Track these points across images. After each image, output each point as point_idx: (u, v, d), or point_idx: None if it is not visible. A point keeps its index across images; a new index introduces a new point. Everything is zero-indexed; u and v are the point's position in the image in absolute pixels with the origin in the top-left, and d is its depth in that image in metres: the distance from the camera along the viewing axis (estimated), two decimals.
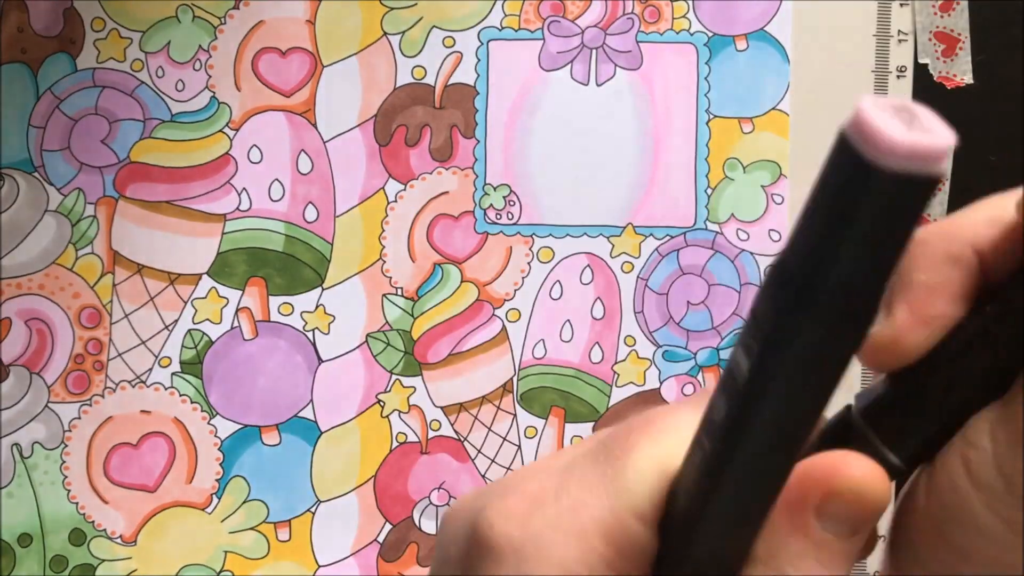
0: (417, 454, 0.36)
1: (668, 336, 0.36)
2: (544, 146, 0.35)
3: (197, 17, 0.35)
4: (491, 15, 0.35)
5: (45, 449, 0.36)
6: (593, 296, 0.36)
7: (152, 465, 0.36)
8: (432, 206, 0.36)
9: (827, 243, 0.16)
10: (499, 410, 0.36)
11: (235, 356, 0.36)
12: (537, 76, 0.35)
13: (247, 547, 0.36)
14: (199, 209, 0.36)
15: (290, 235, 0.36)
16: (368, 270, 0.36)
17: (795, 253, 0.16)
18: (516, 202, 0.35)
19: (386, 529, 0.36)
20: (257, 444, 0.36)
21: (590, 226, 0.35)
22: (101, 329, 0.36)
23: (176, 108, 0.35)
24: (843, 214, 0.15)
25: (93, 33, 0.35)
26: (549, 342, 0.36)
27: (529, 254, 0.36)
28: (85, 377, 0.36)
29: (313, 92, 0.35)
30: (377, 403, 0.36)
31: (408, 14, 0.35)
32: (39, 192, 0.35)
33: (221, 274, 0.36)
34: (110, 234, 0.36)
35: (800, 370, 0.17)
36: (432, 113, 0.35)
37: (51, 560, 0.36)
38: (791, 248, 0.16)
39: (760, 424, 0.18)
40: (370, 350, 0.36)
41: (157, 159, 0.35)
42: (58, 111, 0.35)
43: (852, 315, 0.16)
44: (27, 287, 0.36)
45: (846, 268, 0.16)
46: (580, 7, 0.35)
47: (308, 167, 0.36)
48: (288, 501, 0.36)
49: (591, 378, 0.36)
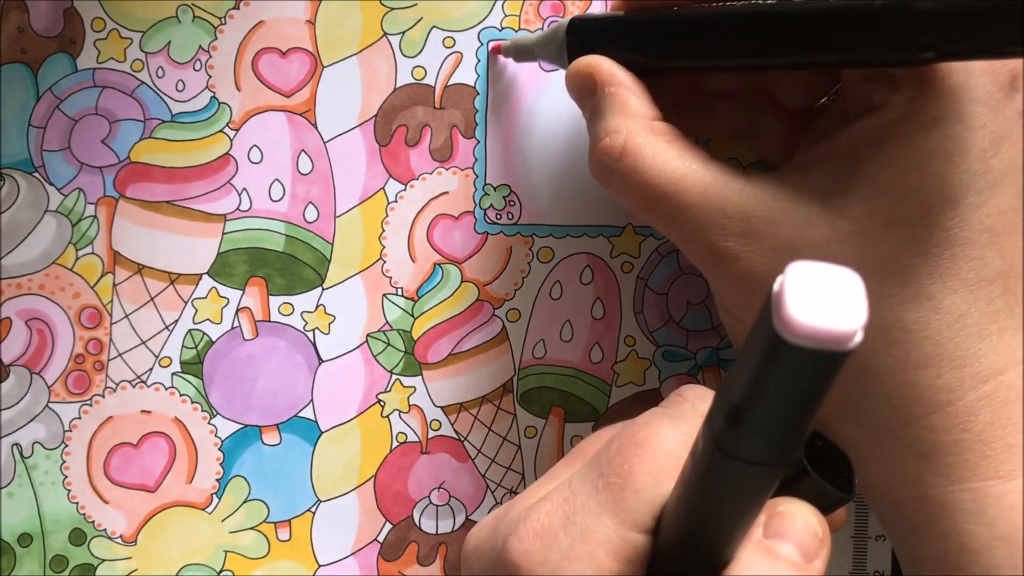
0: (417, 454, 0.36)
1: (668, 336, 0.36)
2: (544, 146, 0.35)
3: (197, 17, 0.35)
4: (491, 15, 0.35)
5: (45, 449, 0.36)
6: (593, 296, 0.36)
7: (152, 465, 0.36)
8: (432, 206, 0.36)
9: (746, 393, 0.17)
10: (499, 410, 0.36)
11: (235, 356, 0.36)
12: (537, 76, 0.35)
13: (247, 547, 0.36)
14: (199, 209, 0.36)
15: (290, 235, 0.36)
16: (368, 270, 0.36)
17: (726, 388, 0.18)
18: (516, 202, 0.35)
19: (386, 529, 0.36)
20: (257, 444, 0.36)
21: (590, 226, 0.35)
22: (101, 329, 0.36)
23: (176, 108, 0.35)
24: (758, 370, 0.17)
25: (93, 33, 0.35)
26: (549, 342, 0.36)
27: (529, 254, 0.36)
28: (85, 377, 0.36)
29: (313, 92, 0.35)
30: (377, 403, 0.36)
31: (408, 14, 0.35)
32: (39, 192, 0.35)
33: (221, 274, 0.36)
34: (110, 234, 0.36)
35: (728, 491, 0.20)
36: (432, 113, 0.35)
37: (51, 560, 0.36)
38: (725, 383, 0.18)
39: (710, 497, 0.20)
40: (370, 350, 0.36)
41: (157, 159, 0.36)
42: (58, 111, 0.35)
43: (763, 465, 0.18)
44: (27, 287, 0.36)
45: (757, 421, 0.17)
46: (580, 7, 0.35)
47: (308, 167, 0.36)
48: (288, 501, 0.36)
49: (591, 378, 0.36)
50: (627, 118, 0.28)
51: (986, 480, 0.26)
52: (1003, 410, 0.26)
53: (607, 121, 0.29)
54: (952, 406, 0.26)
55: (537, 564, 0.22)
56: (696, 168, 0.27)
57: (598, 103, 0.29)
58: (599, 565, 0.22)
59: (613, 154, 0.28)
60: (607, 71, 0.29)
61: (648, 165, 0.27)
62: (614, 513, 0.22)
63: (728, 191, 0.27)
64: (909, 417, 0.26)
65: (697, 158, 0.28)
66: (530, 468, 0.36)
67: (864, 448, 0.27)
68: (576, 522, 0.23)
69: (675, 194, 0.27)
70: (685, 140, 0.28)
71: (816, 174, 0.27)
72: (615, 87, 0.29)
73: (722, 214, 0.27)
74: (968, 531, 0.25)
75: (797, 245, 0.26)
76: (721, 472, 0.19)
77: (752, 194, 0.27)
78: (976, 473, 0.26)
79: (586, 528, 0.22)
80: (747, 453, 0.18)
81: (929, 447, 0.26)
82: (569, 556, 0.22)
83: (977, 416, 0.26)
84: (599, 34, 0.30)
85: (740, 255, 0.27)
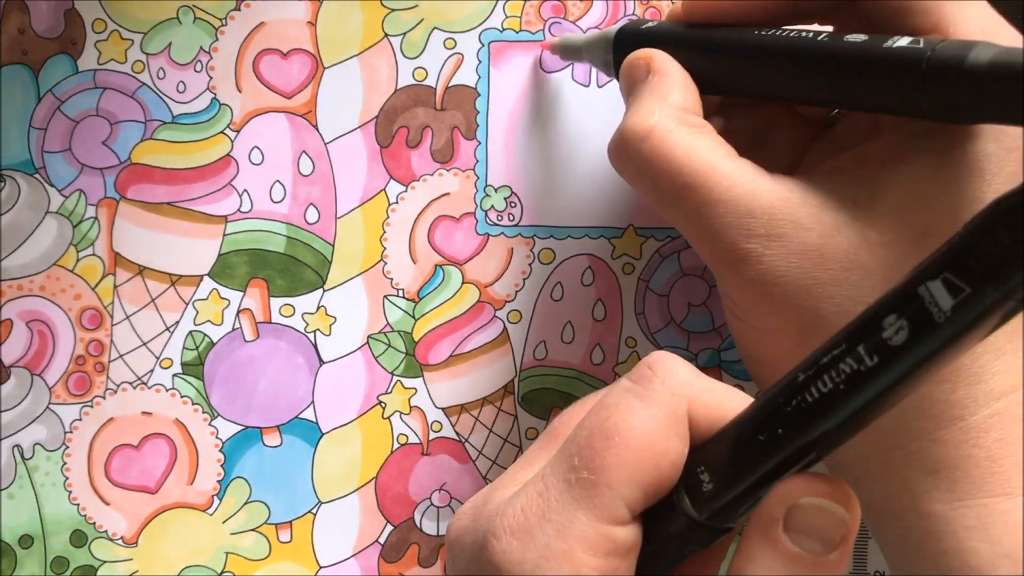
0: (418, 455, 0.36)
1: (669, 337, 0.36)
2: (545, 148, 0.35)
3: (198, 18, 0.35)
4: (492, 16, 0.35)
5: (46, 450, 0.36)
6: (594, 297, 0.36)
7: (153, 466, 0.36)
8: (433, 207, 0.36)
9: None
10: (500, 411, 0.36)
11: (236, 357, 0.36)
12: (538, 77, 0.35)
13: (248, 548, 0.36)
14: (200, 211, 0.36)
15: (291, 237, 0.36)
16: (369, 271, 0.36)
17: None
18: (517, 203, 0.35)
19: (387, 530, 0.36)
20: (258, 445, 0.36)
21: (591, 228, 0.35)
22: (102, 330, 0.36)
23: (177, 110, 0.35)
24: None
25: (94, 34, 0.35)
26: (550, 343, 0.36)
27: (530, 255, 0.36)
28: (86, 378, 0.36)
29: (314, 93, 0.35)
30: (378, 404, 0.36)
31: (409, 15, 0.35)
32: (40, 194, 0.35)
33: (222, 275, 0.36)
34: (111, 235, 0.36)
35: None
36: (433, 115, 0.35)
37: (52, 561, 0.36)
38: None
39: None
40: (371, 351, 0.36)
41: (158, 160, 0.35)
42: (59, 112, 0.35)
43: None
44: (28, 289, 0.36)
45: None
46: (582, 8, 0.35)
47: (309, 168, 0.36)
48: (289, 502, 0.36)
49: (592, 379, 0.36)
50: (663, 104, 0.28)
51: (992, 497, 0.25)
52: (1012, 428, 0.26)
53: (642, 103, 0.28)
54: (964, 421, 0.26)
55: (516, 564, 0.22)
56: (727, 163, 0.27)
57: (641, 88, 0.29)
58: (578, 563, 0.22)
59: (639, 134, 0.27)
60: (661, 61, 0.29)
61: (677, 152, 0.27)
62: (588, 509, 0.22)
63: (756, 190, 0.26)
64: (920, 431, 0.26)
65: (727, 154, 0.27)
66: None
67: (871, 461, 0.27)
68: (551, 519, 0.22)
69: (702, 187, 0.27)
70: (718, 137, 0.28)
71: (845, 181, 0.27)
72: (661, 76, 0.28)
73: (748, 213, 0.26)
74: (971, 548, 0.25)
75: (823, 252, 0.26)
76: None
77: (780, 196, 0.26)
78: (982, 490, 0.25)
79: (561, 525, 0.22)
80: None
81: (937, 462, 0.26)
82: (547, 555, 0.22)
83: (988, 433, 0.26)
84: (646, 38, 0.30)
85: (762, 257, 0.26)
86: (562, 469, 0.23)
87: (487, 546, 0.23)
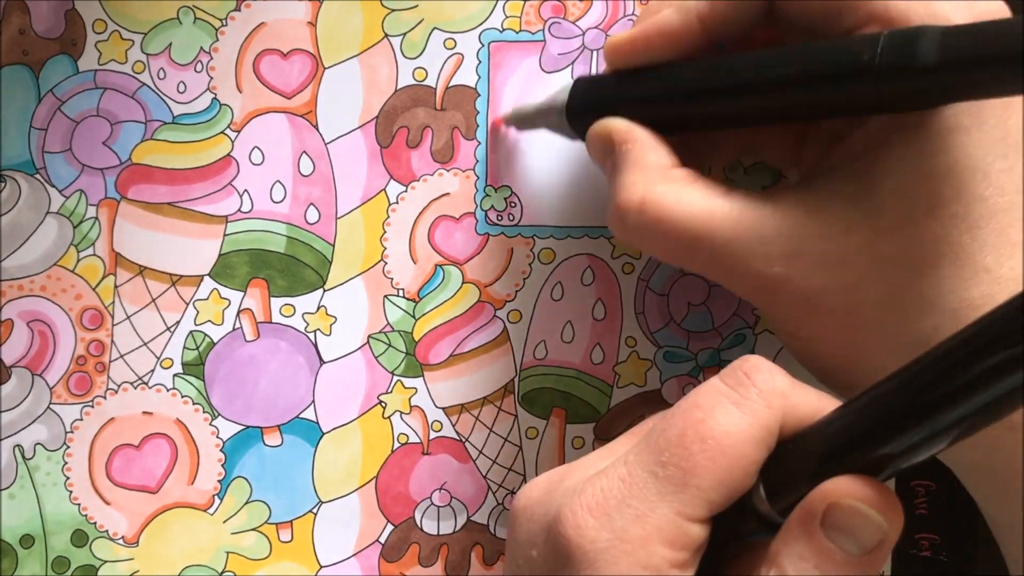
0: (418, 455, 0.36)
1: (669, 337, 0.36)
2: (545, 147, 0.35)
3: (198, 19, 0.35)
4: (492, 17, 0.35)
5: (47, 450, 0.36)
6: (594, 297, 0.36)
7: (154, 466, 0.36)
8: (433, 207, 0.36)
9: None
10: (500, 411, 0.36)
11: (237, 357, 0.36)
12: (538, 78, 0.35)
13: (249, 548, 0.36)
14: (201, 211, 0.36)
15: (292, 236, 0.36)
16: (370, 271, 0.36)
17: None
18: (517, 203, 0.35)
19: (388, 530, 0.36)
20: (259, 445, 0.36)
21: (591, 227, 0.35)
22: (103, 330, 0.36)
23: (178, 110, 0.36)
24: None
25: (95, 35, 0.35)
26: (550, 343, 0.36)
27: (530, 255, 0.36)
28: (87, 378, 0.36)
29: (314, 94, 0.35)
30: (379, 404, 0.36)
31: (409, 16, 0.35)
32: (41, 194, 0.35)
33: (223, 275, 0.36)
34: (112, 236, 0.36)
35: None
36: (433, 115, 0.36)
37: (53, 561, 0.36)
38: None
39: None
40: (372, 351, 0.36)
41: (159, 161, 0.36)
42: (60, 113, 0.35)
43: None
44: (29, 289, 0.36)
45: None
46: (581, 8, 0.35)
47: (310, 169, 0.36)
48: (290, 502, 0.36)
49: (592, 379, 0.36)
50: (643, 171, 0.28)
51: None
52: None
53: (623, 177, 0.28)
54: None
55: (589, 540, 0.23)
56: (722, 203, 0.27)
57: (615, 161, 0.29)
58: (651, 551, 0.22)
59: (632, 208, 0.28)
60: (622, 130, 0.29)
61: (673, 211, 0.27)
62: (672, 503, 0.23)
63: (760, 217, 0.27)
64: None
65: (720, 193, 0.27)
66: (531, 469, 0.36)
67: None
68: (632, 505, 0.23)
69: (708, 234, 0.27)
70: (705, 179, 0.28)
71: (840, 179, 0.27)
72: (630, 144, 0.29)
73: (761, 241, 0.26)
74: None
75: (843, 254, 0.26)
76: None
77: (785, 214, 0.26)
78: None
79: (642, 512, 0.23)
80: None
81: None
82: (623, 537, 0.23)
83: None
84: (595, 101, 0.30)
85: (790, 278, 0.26)
86: (648, 461, 0.24)
87: (561, 519, 0.23)
